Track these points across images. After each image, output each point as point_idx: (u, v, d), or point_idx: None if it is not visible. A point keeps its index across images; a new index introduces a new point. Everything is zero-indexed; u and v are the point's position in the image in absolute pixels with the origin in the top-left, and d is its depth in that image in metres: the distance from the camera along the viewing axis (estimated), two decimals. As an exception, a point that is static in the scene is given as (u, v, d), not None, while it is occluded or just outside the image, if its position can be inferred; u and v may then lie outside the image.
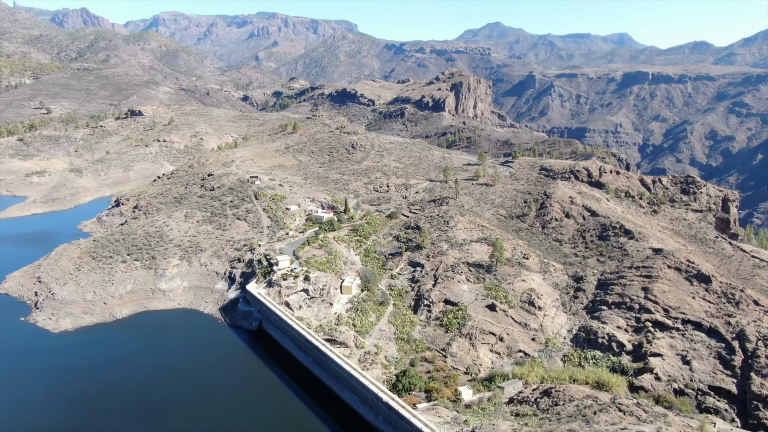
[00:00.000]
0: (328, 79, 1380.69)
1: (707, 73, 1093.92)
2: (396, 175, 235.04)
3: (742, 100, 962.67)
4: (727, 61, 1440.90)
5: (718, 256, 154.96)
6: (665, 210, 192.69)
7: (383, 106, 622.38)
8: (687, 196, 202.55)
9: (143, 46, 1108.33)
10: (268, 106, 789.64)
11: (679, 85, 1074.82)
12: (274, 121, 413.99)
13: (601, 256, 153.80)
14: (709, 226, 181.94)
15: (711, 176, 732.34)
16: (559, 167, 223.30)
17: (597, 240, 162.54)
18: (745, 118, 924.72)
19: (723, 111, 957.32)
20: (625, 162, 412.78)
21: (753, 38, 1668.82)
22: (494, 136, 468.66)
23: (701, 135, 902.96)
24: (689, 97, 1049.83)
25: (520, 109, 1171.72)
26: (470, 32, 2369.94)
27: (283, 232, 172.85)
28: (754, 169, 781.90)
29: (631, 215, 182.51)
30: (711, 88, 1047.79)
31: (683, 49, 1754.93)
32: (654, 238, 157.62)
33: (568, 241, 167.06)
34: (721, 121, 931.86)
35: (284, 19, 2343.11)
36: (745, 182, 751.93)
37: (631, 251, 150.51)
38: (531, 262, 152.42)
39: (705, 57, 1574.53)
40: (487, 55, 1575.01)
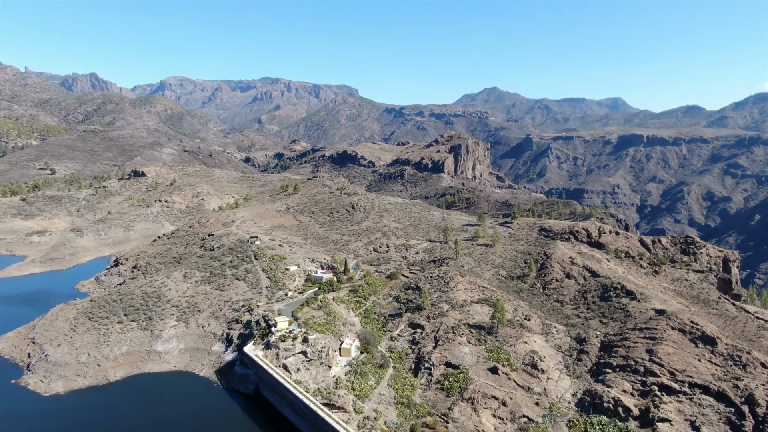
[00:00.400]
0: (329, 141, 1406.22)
1: (701, 136, 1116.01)
2: (396, 235, 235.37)
3: (736, 161, 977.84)
4: (719, 124, 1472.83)
5: (722, 318, 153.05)
6: (666, 270, 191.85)
7: (383, 167, 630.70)
8: (687, 257, 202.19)
9: (149, 109, 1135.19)
10: (269, 167, 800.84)
11: (673, 148, 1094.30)
12: (275, 182, 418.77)
13: (604, 317, 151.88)
14: (711, 287, 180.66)
15: (710, 237, 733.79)
16: (558, 228, 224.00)
17: (599, 301, 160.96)
18: (740, 180, 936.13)
19: (718, 172, 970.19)
20: (623, 223, 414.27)
21: (744, 102, 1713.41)
22: (493, 197, 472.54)
23: (698, 196, 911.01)
24: (684, 159, 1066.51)
25: (518, 170, 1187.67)
26: (468, 96, 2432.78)
27: (282, 292, 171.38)
28: (752, 230, 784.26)
29: (632, 276, 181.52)
30: (705, 150, 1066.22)
31: (676, 112, 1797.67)
32: (656, 299, 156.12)
33: (570, 302, 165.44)
34: (717, 183, 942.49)
35: (287, 84, 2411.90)
36: (744, 243, 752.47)
37: (634, 312, 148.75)
38: (533, 323, 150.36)
39: (698, 120, 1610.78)
40: (484, 118, 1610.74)
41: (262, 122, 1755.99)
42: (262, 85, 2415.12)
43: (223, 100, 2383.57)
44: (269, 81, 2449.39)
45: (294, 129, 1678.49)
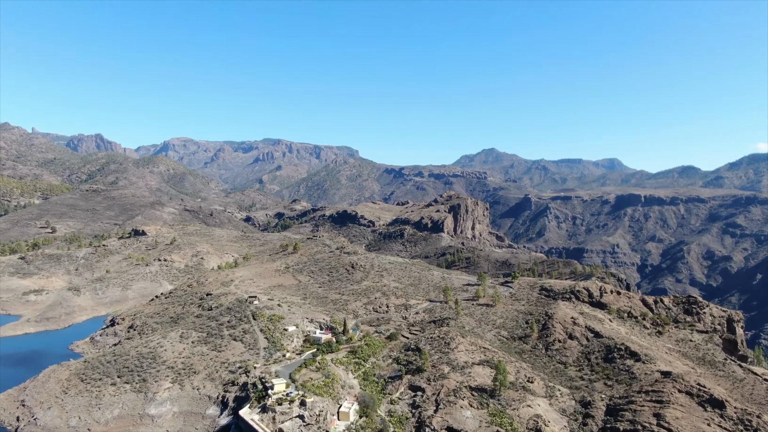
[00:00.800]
0: (329, 201, 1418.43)
1: (698, 196, 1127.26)
2: (396, 295, 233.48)
3: (734, 221, 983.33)
4: (715, 184, 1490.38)
5: (730, 380, 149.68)
6: (670, 331, 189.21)
7: (383, 227, 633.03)
8: (691, 317, 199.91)
9: (152, 169, 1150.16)
10: (269, 226, 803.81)
11: (671, 207, 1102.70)
12: (275, 241, 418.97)
13: (608, 379, 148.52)
14: (716, 348, 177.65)
15: (712, 296, 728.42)
16: (559, 287, 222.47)
17: (603, 362, 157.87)
18: (740, 239, 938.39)
19: (717, 232, 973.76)
20: (625, 282, 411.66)
21: (738, 163, 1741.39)
22: (493, 256, 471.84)
23: (698, 255, 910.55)
24: (683, 219, 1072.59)
25: (517, 230, 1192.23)
26: (467, 157, 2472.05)
27: (280, 353, 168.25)
28: (755, 289, 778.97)
29: (635, 336, 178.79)
30: (703, 210, 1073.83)
31: (672, 172, 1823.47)
32: (661, 361, 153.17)
33: (573, 363, 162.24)
34: (716, 242, 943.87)
35: (288, 145, 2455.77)
36: (747, 302, 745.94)
37: (639, 374, 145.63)
38: (536, 386, 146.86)
39: (694, 180, 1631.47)
40: (483, 178, 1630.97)
41: (263, 182, 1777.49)
42: (264, 146, 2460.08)
43: (226, 160, 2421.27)
44: (271, 142, 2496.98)
45: (295, 189, 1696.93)
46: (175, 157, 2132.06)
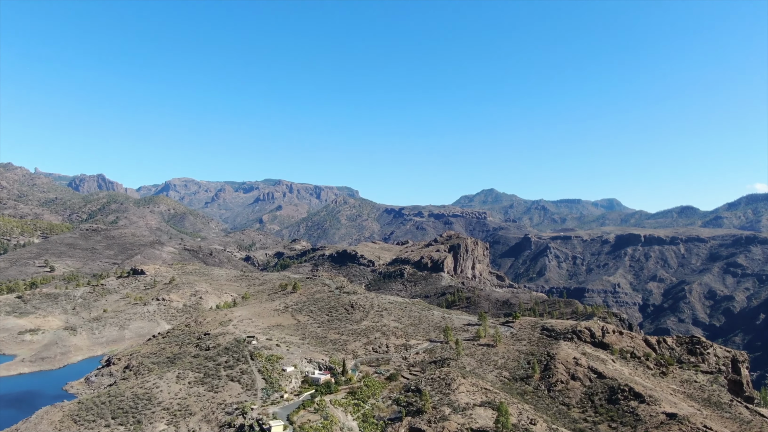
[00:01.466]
0: (329, 241, 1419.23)
1: (698, 235, 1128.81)
2: (395, 335, 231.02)
3: (735, 260, 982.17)
4: (714, 224, 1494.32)
5: (736, 422, 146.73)
6: (674, 372, 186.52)
7: (383, 266, 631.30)
8: (695, 357, 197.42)
9: (152, 209, 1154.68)
10: (269, 266, 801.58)
11: (671, 247, 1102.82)
12: (274, 280, 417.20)
13: (613, 421, 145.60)
14: (721, 389, 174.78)
15: (716, 336, 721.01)
16: (560, 327, 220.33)
17: (606, 404, 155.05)
18: (741, 278, 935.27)
19: (718, 271, 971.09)
20: (627, 322, 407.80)
21: (736, 203, 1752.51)
22: (493, 296, 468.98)
23: (700, 295, 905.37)
24: (683, 258, 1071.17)
25: (517, 270, 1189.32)
26: (466, 198, 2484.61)
27: (278, 394, 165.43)
28: (758, 329, 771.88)
29: (639, 377, 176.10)
30: (703, 250, 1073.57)
31: (671, 213, 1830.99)
32: (666, 402, 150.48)
33: (576, 404, 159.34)
34: (718, 281, 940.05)
35: (289, 186, 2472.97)
36: (751, 342, 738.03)
37: (644, 416, 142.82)
38: (538, 428, 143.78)
39: (693, 220, 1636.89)
40: (483, 218, 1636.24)
41: (263, 222, 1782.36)
42: (265, 186, 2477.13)
43: (226, 200, 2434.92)
44: (271, 182, 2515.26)
45: (295, 229, 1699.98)
46: (176, 197, 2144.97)
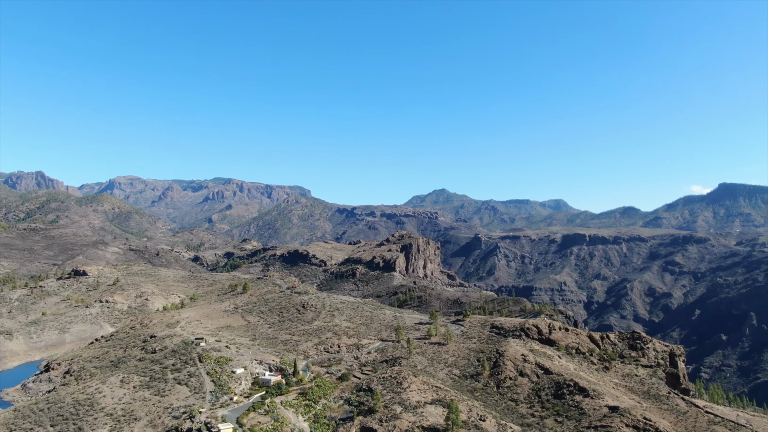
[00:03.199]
0: (280, 240, 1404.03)
1: (639, 235, 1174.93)
2: (347, 335, 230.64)
3: (673, 259, 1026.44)
4: (654, 224, 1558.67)
5: (674, 413, 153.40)
6: (616, 366, 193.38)
7: (335, 266, 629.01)
8: (635, 352, 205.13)
9: (95, 208, 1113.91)
10: (218, 266, 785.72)
11: (614, 246, 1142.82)
12: (223, 281, 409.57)
13: (558, 415, 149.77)
14: (660, 382, 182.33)
15: (655, 332, 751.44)
16: (509, 325, 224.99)
17: (553, 399, 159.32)
18: (678, 276, 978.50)
19: (658, 269, 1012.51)
20: (572, 319, 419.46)
21: (674, 204, 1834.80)
22: (444, 295, 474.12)
23: (641, 292, 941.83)
24: (625, 257, 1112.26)
25: (468, 269, 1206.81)
26: (418, 198, 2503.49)
27: (227, 397, 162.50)
28: (694, 325, 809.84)
29: (583, 372, 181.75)
30: (644, 249, 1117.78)
31: (614, 213, 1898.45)
32: (609, 396, 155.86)
33: (524, 400, 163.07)
34: (657, 279, 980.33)
35: (239, 185, 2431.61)
36: (687, 337, 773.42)
37: (588, 410, 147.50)
38: (488, 424, 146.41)
39: (634, 220, 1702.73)
40: (434, 218, 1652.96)
41: (212, 221, 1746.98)
42: (215, 185, 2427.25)
43: (174, 199, 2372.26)
44: (221, 181, 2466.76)
45: (245, 228, 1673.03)
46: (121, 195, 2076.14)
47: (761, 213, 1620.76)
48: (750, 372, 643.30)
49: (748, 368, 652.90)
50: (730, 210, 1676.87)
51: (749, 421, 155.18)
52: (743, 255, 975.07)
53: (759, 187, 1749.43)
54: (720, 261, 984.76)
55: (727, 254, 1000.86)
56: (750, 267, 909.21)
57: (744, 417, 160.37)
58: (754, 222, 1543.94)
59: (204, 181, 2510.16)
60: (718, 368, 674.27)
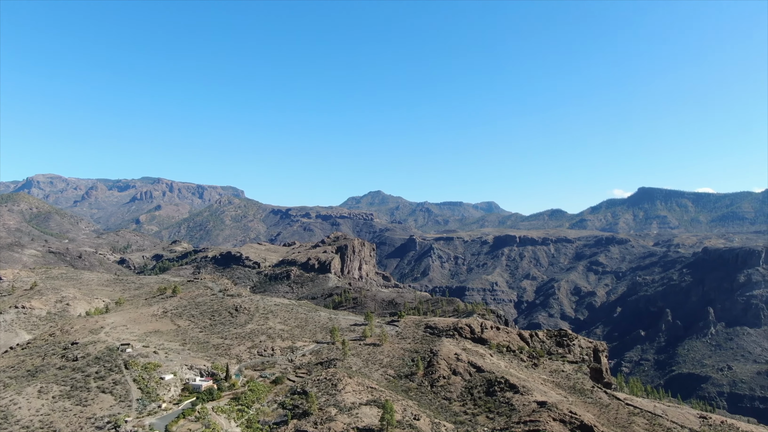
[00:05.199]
0: (212, 242, 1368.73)
1: (565, 237, 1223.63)
2: (282, 337, 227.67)
3: (597, 259, 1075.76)
4: (580, 226, 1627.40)
5: (597, 406, 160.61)
6: (544, 363, 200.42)
7: (269, 268, 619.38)
8: (562, 349, 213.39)
9: (11, 208, 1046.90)
10: (146, 269, 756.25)
11: (543, 247, 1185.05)
12: (152, 284, 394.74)
13: (490, 412, 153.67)
14: (585, 377, 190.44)
15: (580, 329, 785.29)
16: (443, 325, 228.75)
17: (485, 396, 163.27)
18: (601, 276, 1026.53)
19: (583, 269, 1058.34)
20: (503, 318, 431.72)
21: (598, 207, 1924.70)
22: (380, 296, 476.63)
23: (567, 291, 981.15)
24: (553, 258, 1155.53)
25: (403, 270, 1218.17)
26: (353, 199, 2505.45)
27: (156, 404, 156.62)
28: (616, 321, 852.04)
29: (514, 369, 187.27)
30: (570, 249, 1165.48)
31: (543, 215, 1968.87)
32: (537, 392, 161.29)
33: (457, 398, 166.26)
34: (582, 279, 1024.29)
35: (169, 185, 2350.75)
36: (610, 333, 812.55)
37: (518, 406, 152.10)
38: (422, 423, 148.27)
39: (562, 222, 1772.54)
40: (370, 220, 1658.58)
41: (140, 223, 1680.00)
42: (143, 184, 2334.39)
43: (99, 199, 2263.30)
44: (150, 181, 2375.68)
45: (175, 230, 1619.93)
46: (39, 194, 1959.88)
47: (676, 216, 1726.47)
48: (666, 365, 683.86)
49: (664, 362, 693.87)
50: (648, 213, 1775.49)
51: (665, 412, 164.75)
52: (660, 255, 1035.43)
53: (674, 191, 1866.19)
54: (639, 261, 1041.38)
55: (646, 254, 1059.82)
56: (666, 266, 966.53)
57: (660, 408, 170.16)
58: (670, 224, 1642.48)
59: (131, 181, 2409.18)
60: (638, 362, 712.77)
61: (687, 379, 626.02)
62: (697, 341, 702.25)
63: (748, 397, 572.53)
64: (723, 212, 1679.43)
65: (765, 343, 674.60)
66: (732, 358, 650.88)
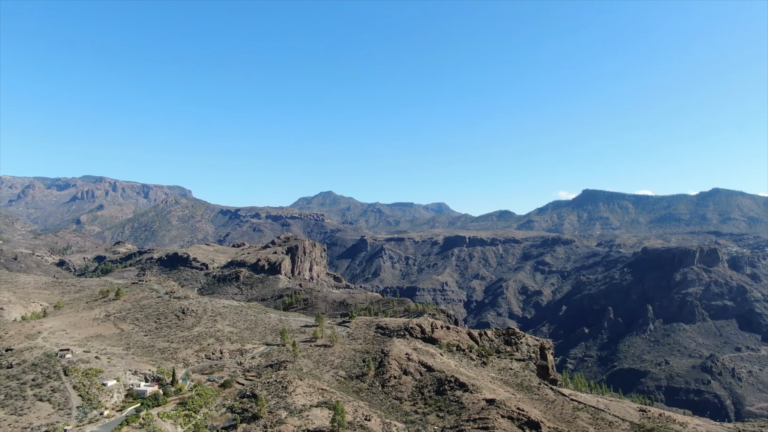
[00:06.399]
0: (158, 243, 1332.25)
1: (513, 237, 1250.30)
2: (230, 340, 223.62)
3: (543, 259, 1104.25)
4: (527, 227, 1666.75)
5: (543, 402, 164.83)
6: (493, 361, 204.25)
7: (217, 269, 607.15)
8: (510, 347, 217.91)
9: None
10: (88, 271, 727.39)
11: (492, 247, 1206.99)
12: (94, 287, 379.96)
13: (440, 411, 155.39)
14: (532, 374, 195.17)
15: (527, 327, 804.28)
16: (394, 325, 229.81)
17: (435, 395, 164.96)
18: (548, 275, 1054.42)
19: (530, 269, 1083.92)
20: (453, 318, 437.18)
21: (545, 208, 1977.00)
22: (330, 297, 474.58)
23: (515, 291, 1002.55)
24: (501, 258, 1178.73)
25: (354, 270, 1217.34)
26: (304, 199, 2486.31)
27: (97, 411, 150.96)
28: (561, 320, 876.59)
29: (463, 368, 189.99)
30: (518, 250, 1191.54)
31: (491, 216, 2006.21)
32: (486, 389, 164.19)
33: (408, 398, 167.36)
34: (529, 278, 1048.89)
35: (113, 184, 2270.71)
36: (555, 331, 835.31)
37: (467, 404, 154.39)
38: (373, 423, 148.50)
39: (510, 223, 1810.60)
40: (321, 220, 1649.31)
41: (81, 223, 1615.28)
42: (84, 183, 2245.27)
43: (36, 198, 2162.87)
44: (92, 179, 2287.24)
45: (119, 230, 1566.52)
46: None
47: (617, 217, 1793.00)
48: (608, 361, 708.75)
49: (607, 358, 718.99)
50: (591, 214, 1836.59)
51: (607, 406, 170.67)
52: (603, 255, 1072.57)
53: (616, 193, 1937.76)
54: (583, 260, 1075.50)
55: (589, 254, 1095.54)
56: (608, 266, 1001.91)
57: (603, 402, 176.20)
58: (612, 225, 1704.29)
59: (72, 179, 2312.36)
60: (582, 359, 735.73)
61: (628, 374, 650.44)
62: (637, 338, 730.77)
63: (684, 390, 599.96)
64: (661, 214, 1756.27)
65: (699, 339, 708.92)
66: (669, 353, 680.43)
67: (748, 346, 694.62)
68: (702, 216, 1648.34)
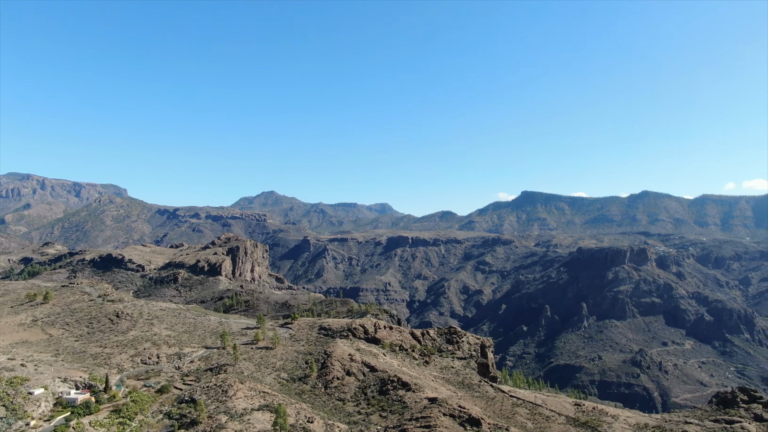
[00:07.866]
0: (91, 244, 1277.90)
1: (455, 237, 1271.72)
2: (168, 344, 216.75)
3: (484, 259, 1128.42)
4: (468, 228, 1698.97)
5: (484, 399, 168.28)
6: (435, 360, 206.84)
7: (154, 271, 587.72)
8: (452, 346, 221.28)
9: None
10: (13, 274, 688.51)
11: (434, 248, 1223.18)
12: (19, 290, 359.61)
13: (383, 411, 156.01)
14: (473, 372, 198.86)
15: (469, 326, 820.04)
16: (337, 326, 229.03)
17: (378, 395, 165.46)
18: (488, 275, 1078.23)
19: (471, 269, 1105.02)
20: (396, 318, 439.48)
21: (485, 209, 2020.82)
22: (273, 298, 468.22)
23: (457, 290, 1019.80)
24: (443, 258, 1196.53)
25: (297, 271, 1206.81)
26: (246, 199, 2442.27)
27: (23, 422, 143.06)
28: (501, 318, 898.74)
29: (406, 368, 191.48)
30: (459, 250, 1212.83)
31: (434, 217, 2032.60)
32: (429, 388, 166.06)
33: (351, 399, 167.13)
34: (470, 278, 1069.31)
35: (41, 182, 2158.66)
36: (495, 329, 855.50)
37: (410, 403, 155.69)
38: (316, 425, 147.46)
39: (451, 224, 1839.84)
40: (263, 221, 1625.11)
41: (6, 223, 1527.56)
42: (9, 181, 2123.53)
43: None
44: (18, 177, 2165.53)
45: (48, 231, 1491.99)
46: None
47: (554, 218, 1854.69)
48: (545, 357, 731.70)
49: (544, 354, 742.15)
50: (530, 215, 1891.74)
51: (545, 401, 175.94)
52: (540, 255, 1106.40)
53: (553, 195, 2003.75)
54: (522, 260, 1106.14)
55: (528, 254, 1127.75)
56: (545, 265, 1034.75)
57: (541, 398, 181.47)
58: (549, 226, 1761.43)
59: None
60: (520, 356, 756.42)
61: (564, 370, 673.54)
62: (572, 334, 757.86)
63: (615, 383, 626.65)
64: (595, 215, 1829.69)
65: (629, 334, 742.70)
66: (602, 348, 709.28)
67: (674, 340, 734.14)
68: (632, 217, 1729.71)
